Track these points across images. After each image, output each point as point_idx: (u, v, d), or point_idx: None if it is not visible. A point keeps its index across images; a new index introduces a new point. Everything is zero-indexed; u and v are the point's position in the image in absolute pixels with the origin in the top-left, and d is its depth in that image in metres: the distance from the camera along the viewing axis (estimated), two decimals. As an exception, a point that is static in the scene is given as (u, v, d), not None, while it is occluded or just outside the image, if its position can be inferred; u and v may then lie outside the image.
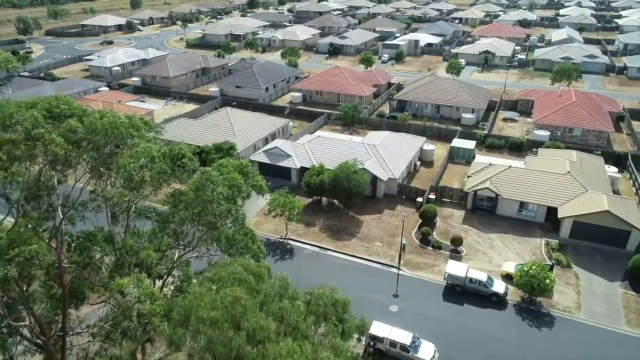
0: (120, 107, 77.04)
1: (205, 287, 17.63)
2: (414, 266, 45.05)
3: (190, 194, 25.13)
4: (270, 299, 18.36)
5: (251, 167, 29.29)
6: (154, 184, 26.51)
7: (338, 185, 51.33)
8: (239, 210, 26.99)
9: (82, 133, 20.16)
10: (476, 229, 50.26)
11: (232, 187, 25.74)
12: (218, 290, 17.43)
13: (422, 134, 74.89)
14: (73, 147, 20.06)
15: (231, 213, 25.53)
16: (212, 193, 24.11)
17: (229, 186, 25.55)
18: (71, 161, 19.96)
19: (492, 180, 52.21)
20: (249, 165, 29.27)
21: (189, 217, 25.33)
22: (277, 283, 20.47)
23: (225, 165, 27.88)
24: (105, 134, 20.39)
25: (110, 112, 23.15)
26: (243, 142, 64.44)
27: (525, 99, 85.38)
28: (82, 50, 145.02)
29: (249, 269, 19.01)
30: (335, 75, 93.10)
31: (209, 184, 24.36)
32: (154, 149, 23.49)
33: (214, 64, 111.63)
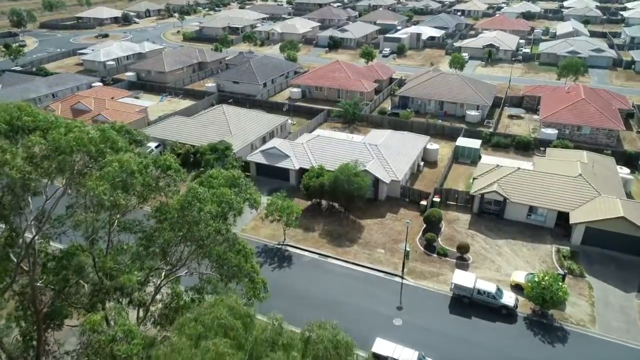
0: (113, 104, 74.56)
1: (184, 336, 15.31)
2: (419, 275, 42.83)
3: (175, 213, 22.71)
4: (260, 349, 16.09)
5: (244, 179, 26.81)
6: (139, 198, 24.19)
7: (338, 188, 49.00)
8: (230, 229, 24.53)
9: (45, 150, 17.74)
10: (483, 234, 47.98)
11: (222, 204, 23.28)
12: (198, 342, 15.12)
13: (425, 132, 72.45)
14: (34, 168, 17.63)
15: (221, 233, 23.10)
16: (198, 213, 21.70)
17: (219, 203, 23.11)
18: (30, 185, 17.54)
19: (500, 183, 49.85)
20: (242, 176, 26.81)
21: (173, 237, 22.98)
22: (269, 326, 18.06)
23: (216, 176, 25.41)
24: (71, 152, 17.96)
25: (79, 125, 20.55)
26: (240, 142, 61.98)
27: (531, 95, 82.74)
28: (76, 44, 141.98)
29: (236, 312, 16.72)
30: (335, 70, 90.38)
31: (196, 203, 21.91)
32: (134, 162, 21.03)
33: (211, 58, 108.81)
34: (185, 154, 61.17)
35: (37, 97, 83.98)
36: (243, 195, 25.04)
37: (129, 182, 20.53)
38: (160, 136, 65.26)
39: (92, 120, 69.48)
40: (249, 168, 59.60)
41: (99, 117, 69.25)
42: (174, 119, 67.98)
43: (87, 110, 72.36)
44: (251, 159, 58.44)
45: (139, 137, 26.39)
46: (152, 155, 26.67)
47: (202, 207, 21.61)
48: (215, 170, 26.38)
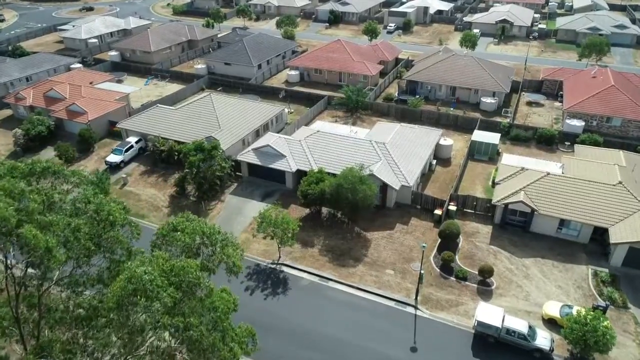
0: (91, 91, 67.15)
1: None
2: (435, 304, 36.90)
3: (108, 314, 16.34)
4: None
5: (219, 233, 20.31)
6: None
7: (341, 197, 42.59)
8: (196, 327, 17.82)
9: None
10: (507, 251, 41.84)
11: (184, 285, 16.89)
12: None
13: (435, 122, 65.62)
14: None
15: (179, 332, 16.79)
16: (144, 317, 15.36)
17: (177, 286, 16.72)
18: None
19: (527, 191, 43.40)
20: (217, 230, 20.28)
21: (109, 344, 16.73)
22: None
23: (182, 228, 18.91)
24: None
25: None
26: (230, 137, 55.08)
27: (552, 80, 75.23)
28: (59, 18, 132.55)
29: None
30: (336, 51, 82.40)
31: (140, 299, 15.44)
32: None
33: (201, 36, 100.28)
34: (168, 151, 54.43)
35: (8, 81, 76.38)
36: (218, 255, 18.60)
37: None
38: (141, 129, 58.33)
39: (65, 111, 62.42)
40: (240, 167, 53.07)
41: (73, 107, 62.04)
42: (156, 109, 60.78)
43: (61, 98, 65.03)
44: (242, 158, 51.77)
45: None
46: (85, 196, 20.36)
47: (149, 306, 15.21)
48: (181, 217, 19.89)
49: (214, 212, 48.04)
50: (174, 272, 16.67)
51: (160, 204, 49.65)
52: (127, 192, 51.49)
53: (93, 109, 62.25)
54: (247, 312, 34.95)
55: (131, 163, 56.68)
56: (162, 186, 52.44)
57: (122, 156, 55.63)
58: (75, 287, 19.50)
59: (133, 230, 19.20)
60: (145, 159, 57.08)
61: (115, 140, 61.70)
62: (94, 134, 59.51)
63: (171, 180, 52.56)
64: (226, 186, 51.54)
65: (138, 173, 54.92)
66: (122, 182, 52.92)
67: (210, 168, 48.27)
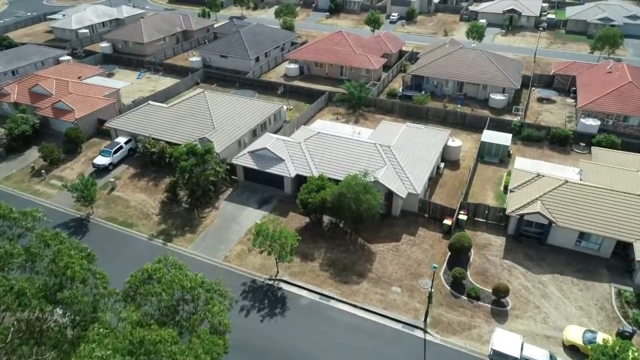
0: (79, 86, 63.53)
1: None
2: (445, 327, 34.03)
3: None
4: None
5: (205, 284, 17.14)
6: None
7: (344, 207, 39.50)
8: None
9: None
10: (522, 266, 38.86)
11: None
12: None
13: (442, 120, 62.33)
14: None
15: None
16: None
17: None
18: None
19: (544, 201, 40.28)
20: (200, 283, 17.07)
21: None
22: None
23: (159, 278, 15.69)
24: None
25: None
26: (224, 139, 51.73)
27: (564, 74, 71.63)
28: (49, 6, 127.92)
29: None
30: (338, 43, 78.59)
31: None
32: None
33: (196, 26, 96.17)
34: (159, 153, 51.14)
35: (-7, 75, 72.78)
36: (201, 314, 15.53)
37: None
38: (131, 129, 54.95)
39: (51, 109, 58.96)
40: (235, 171, 49.88)
41: (59, 104, 58.56)
42: (147, 107, 57.28)
43: (47, 94, 61.50)
44: (238, 162, 48.52)
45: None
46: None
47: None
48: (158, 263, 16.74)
49: (208, 220, 44.95)
50: (144, 348, 13.63)
51: (150, 211, 46.52)
52: (115, 198, 48.33)
53: (81, 107, 58.77)
54: (243, 336, 32.24)
55: (120, 165, 53.41)
56: (152, 191, 49.26)
57: (110, 158, 52.37)
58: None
59: (99, 282, 16.12)
60: (136, 160, 53.81)
61: (104, 139, 58.35)
62: (81, 134, 56.14)
63: (162, 185, 49.38)
64: (221, 191, 48.41)
65: (127, 176, 51.70)
66: (109, 186, 49.72)
67: (204, 173, 45.03)
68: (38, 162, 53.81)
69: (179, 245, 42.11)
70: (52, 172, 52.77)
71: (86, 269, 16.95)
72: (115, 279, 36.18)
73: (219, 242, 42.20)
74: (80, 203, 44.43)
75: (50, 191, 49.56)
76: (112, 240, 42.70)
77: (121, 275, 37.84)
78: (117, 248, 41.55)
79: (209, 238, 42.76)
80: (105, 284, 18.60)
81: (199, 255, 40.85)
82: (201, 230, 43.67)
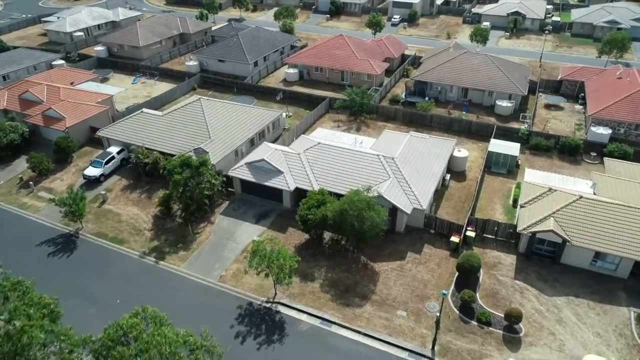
0: (71, 92, 61.36)
1: None
2: (455, 356, 31.85)
3: None
4: None
5: (188, 345, 14.98)
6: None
7: (346, 224, 37.36)
8: None
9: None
10: (535, 287, 36.68)
11: None
12: None
13: (447, 128, 60.22)
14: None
15: None
16: None
17: None
18: None
19: (557, 218, 38.11)
20: (184, 341, 14.93)
21: None
22: None
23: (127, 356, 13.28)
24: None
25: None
26: (221, 149, 49.53)
27: (571, 80, 69.47)
28: (45, 8, 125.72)
29: None
30: (339, 47, 76.43)
31: None
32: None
33: (194, 29, 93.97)
34: (153, 164, 48.94)
35: (-17, 80, 70.66)
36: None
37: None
38: (124, 138, 52.76)
39: (42, 117, 56.78)
40: (232, 183, 47.73)
41: (49, 112, 56.38)
42: (141, 115, 55.06)
43: (38, 101, 59.32)
44: (235, 174, 46.33)
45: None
46: None
47: None
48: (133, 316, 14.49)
49: (202, 236, 42.75)
50: None
51: (142, 225, 44.33)
52: (106, 212, 46.15)
53: (72, 114, 56.59)
54: (237, 371, 30.02)
55: (112, 176, 51.24)
56: (145, 204, 47.07)
57: (101, 169, 50.18)
58: None
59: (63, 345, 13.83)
60: (128, 171, 51.62)
61: (96, 148, 56.20)
62: (72, 143, 53.93)
63: (156, 198, 47.17)
64: (216, 204, 46.21)
65: (119, 188, 49.52)
66: (100, 199, 47.54)
67: (198, 187, 42.86)
68: (26, 172, 51.62)
69: (172, 264, 39.94)
70: (41, 183, 50.60)
71: (48, 331, 14.70)
72: (101, 305, 33.96)
73: (214, 261, 40.03)
74: (68, 218, 42.24)
75: (38, 204, 47.36)
76: (102, 258, 40.55)
77: (108, 298, 35.89)
78: (106, 267, 39.42)
79: (204, 256, 40.59)
80: (72, 346, 16.26)
81: (193, 275, 38.69)
82: (195, 247, 41.49)
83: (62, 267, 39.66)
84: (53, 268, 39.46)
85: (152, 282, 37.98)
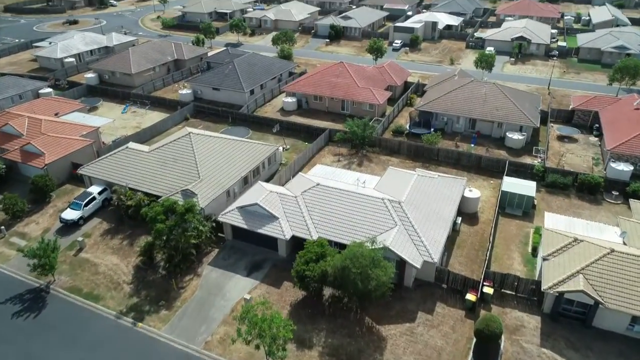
0: (53, 125, 57.48)
1: None
2: None
3: None
4: None
5: None
6: None
7: (348, 281, 32.98)
8: None
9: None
10: (565, 357, 32.06)
11: None
12: None
13: (455, 163, 56.36)
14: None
15: None
16: None
17: None
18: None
19: (587, 275, 33.73)
20: None
21: None
22: None
23: None
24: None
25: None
26: (211, 190, 45.34)
27: (585, 110, 65.88)
28: (39, 33, 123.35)
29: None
30: (338, 75, 73.10)
31: None
32: None
33: (189, 55, 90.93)
34: (136, 206, 44.69)
35: (-36, 110, 66.80)
36: None
37: None
38: (107, 177, 48.69)
39: (20, 152, 52.82)
40: (222, 228, 43.45)
41: (28, 147, 52.43)
42: (126, 151, 51.06)
43: (17, 135, 55.43)
44: (225, 219, 42.06)
45: None
46: None
47: None
48: None
49: (187, 292, 38.23)
50: None
51: (122, 278, 39.84)
52: (83, 261, 41.71)
53: (52, 150, 52.67)
54: None
55: (93, 218, 46.99)
56: (126, 252, 42.66)
57: (80, 212, 45.94)
58: None
59: None
60: (110, 214, 47.39)
61: (78, 186, 52.16)
62: (51, 182, 49.76)
63: (138, 245, 42.79)
64: (205, 253, 41.87)
65: (99, 233, 45.18)
66: (77, 246, 43.16)
67: (184, 235, 38.60)
68: (-1, 215, 47.43)
69: (152, 326, 35.33)
70: (14, 227, 46.32)
71: None
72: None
73: (200, 322, 35.45)
74: (37, 272, 37.80)
75: (8, 252, 42.95)
76: (73, 319, 35.97)
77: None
78: (76, 331, 34.83)
79: (188, 316, 36.03)
80: None
81: (174, 341, 34.06)
82: (179, 306, 36.95)
83: (26, 331, 35.05)
84: (16, 331, 34.87)
85: (128, 350, 33.33)
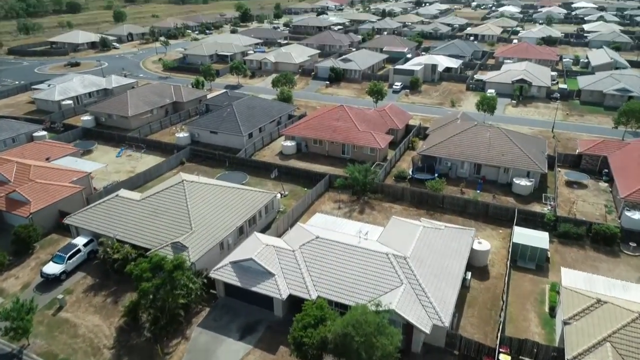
0: (42, 171, 55.27)
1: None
2: None
3: None
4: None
5: None
6: None
7: (351, 352, 29.66)
8: None
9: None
10: None
11: None
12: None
13: (461, 211, 53.81)
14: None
15: None
16: None
17: None
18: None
19: (614, 343, 30.48)
20: None
21: None
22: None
23: None
24: None
25: None
26: (203, 242, 42.50)
27: (593, 154, 63.95)
28: (40, 75, 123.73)
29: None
30: (339, 118, 71.70)
31: None
32: None
33: (187, 97, 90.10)
34: (123, 260, 41.74)
35: (-46, 155, 64.92)
36: None
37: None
38: (94, 227, 46.00)
39: (5, 200, 50.39)
40: (214, 284, 40.36)
41: (14, 194, 50.05)
42: (116, 199, 48.64)
43: (5, 181, 53.13)
44: (217, 275, 39.06)
45: None
46: None
47: None
48: None
49: (174, 358, 34.75)
50: None
51: (102, 342, 36.43)
52: (62, 322, 38.37)
53: (39, 198, 50.26)
54: None
55: (77, 272, 43.95)
56: (110, 311, 39.39)
57: (63, 265, 42.96)
58: None
59: None
60: (95, 268, 44.38)
61: (65, 236, 49.41)
62: (35, 232, 47.02)
63: (123, 303, 39.56)
64: (194, 312, 38.63)
65: (82, 289, 42.02)
66: (57, 304, 39.92)
67: (172, 293, 35.54)
68: (-23, 268, 44.39)
69: (132, 400, 31.76)
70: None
71: None
72: None
73: (185, 395, 31.90)
74: (9, 337, 34.50)
75: (-18, 311, 39.66)
76: (44, 391, 32.42)
77: None
78: (47, 406, 31.21)
79: (173, 388, 32.51)
80: None
81: (156, 419, 30.45)
82: (164, 375, 33.48)
83: (-8, 405, 31.48)
84: (-20, 407, 31.29)
85: None
